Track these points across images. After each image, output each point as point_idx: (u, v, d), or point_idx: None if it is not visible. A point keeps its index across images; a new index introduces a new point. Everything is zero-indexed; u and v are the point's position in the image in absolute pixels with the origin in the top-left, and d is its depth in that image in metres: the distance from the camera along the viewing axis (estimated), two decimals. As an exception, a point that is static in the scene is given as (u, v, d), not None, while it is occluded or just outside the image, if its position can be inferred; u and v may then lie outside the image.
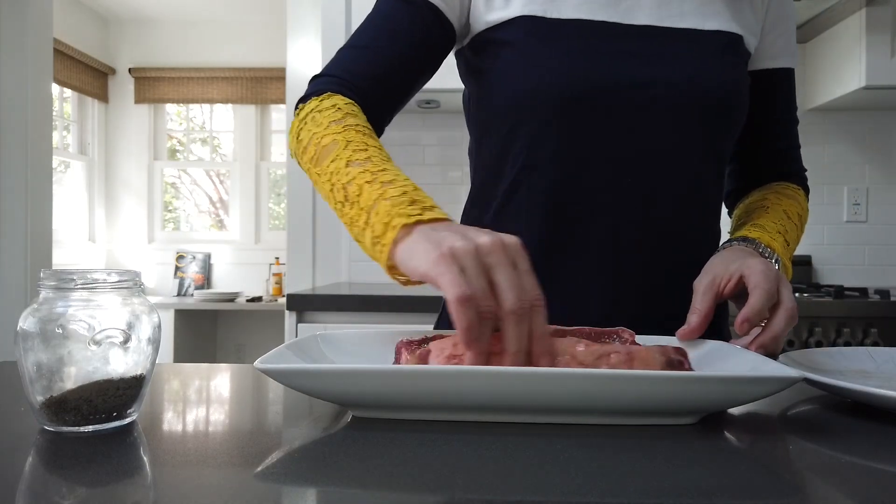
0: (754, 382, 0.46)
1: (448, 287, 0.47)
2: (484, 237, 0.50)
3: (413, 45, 0.76)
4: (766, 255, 0.71)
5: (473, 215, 0.84)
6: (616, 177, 0.74)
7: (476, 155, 0.85)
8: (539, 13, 0.74)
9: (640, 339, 0.62)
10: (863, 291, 1.81)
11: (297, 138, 0.72)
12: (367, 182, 0.60)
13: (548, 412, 0.49)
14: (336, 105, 0.71)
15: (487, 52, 0.78)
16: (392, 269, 0.56)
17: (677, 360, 0.52)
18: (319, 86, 0.74)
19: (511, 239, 0.51)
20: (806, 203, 0.86)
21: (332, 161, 0.65)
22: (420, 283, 0.54)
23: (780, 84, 0.86)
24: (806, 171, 0.91)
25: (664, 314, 0.73)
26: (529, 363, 0.49)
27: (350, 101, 0.72)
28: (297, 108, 0.76)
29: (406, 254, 0.53)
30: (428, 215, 0.56)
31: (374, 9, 0.79)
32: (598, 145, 0.74)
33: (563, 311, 0.75)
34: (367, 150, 0.65)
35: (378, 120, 0.77)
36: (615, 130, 0.74)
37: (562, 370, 0.46)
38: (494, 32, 0.77)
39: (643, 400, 0.47)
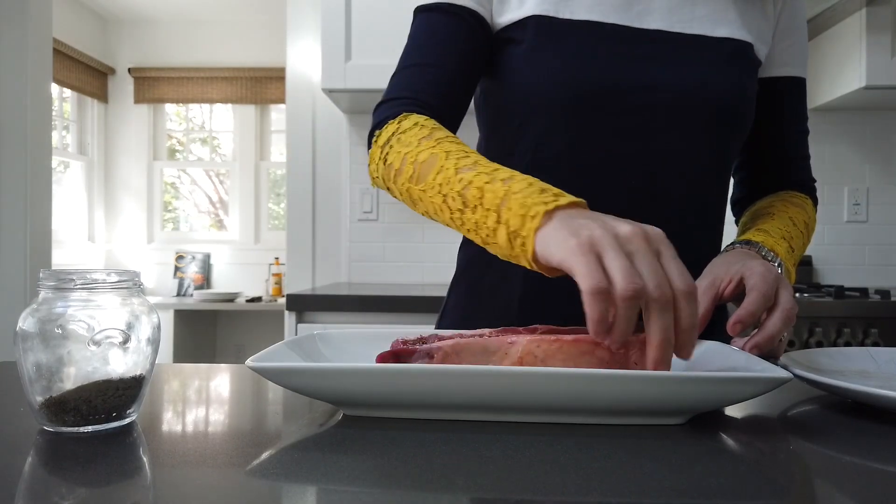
0: (743, 382, 0.46)
1: (582, 278, 0.47)
2: (624, 226, 0.49)
3: (464, 54, 0.76)
4: (770, 258, 0.71)
5: None
6: (620, 179, 0.75)
7: (484, 152, 0.85)
8: (551, 13, 0.75)
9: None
10: (863, 291, 1.81)
11: (386, 163, 0.71)
12: (487, 182, 0.59)
13: (537, 411, 0.49)
14: (418, 123, 0.70)
15: (500, 51, 0.79)
16: (537, 260, 0.54)
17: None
18: (391, 109, 0.74)
19: (654, 229, 0.50)
20: (813, 212, 0.86)
21: (437, 173, 0.63)
22: (563, 273, 0.52)
23: (789, 93, 0.86)
24: (815, 181, 0.90)
25: None
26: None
27: (427, 116, 0.72)
28: (372, 136, 0.76)
29: (544, 242, 0.52)
30: (564, 200, 0.54)
31: (416, 26, 0.79)
32: (603, 147, 0.75)
33: (566, 309, 0.76)
34: (469, 155, 0.64)
35: (454, 130, 0.77)
36: (620, 133, 0.74)
37: (547, 369, 0.46)
38: (507, 32, 0.78)
39: (629, 399, 0.47)
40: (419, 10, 0.79)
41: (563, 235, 0.50)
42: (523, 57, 0.75)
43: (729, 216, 0.95)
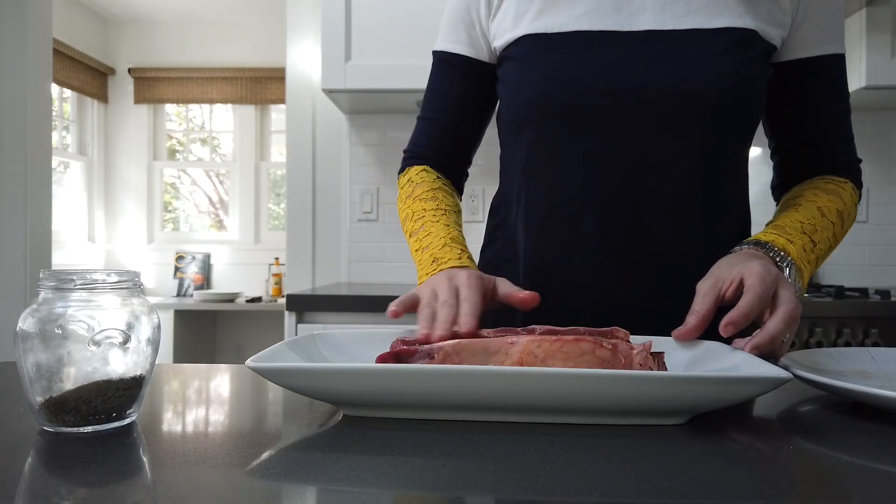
0: (743, 382, 0.46)
1: (419, 319, 0.68)
2: (443, 290, 0.68)
3: (462, 100, 0.89)
4: (778, 258, 0.70)
5: (499, 216, 0.90)
6: (604, 181, 0.76)
7: (501, 161, 0.91)
8: (541, 30, 0.79)
9: (632, 338, 0.62)
10: (863, 291, 1.81)
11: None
12: (416, 251, 0.82)
13: (537, 411, 0.49)
14: (410, 179, 0.89)
15: (500, 69, 0.85)
16: None
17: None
18: (404, 162, 0.93)
19: (463, 289, 0.69)
20: (851, 197, 0.81)
21: (406, 233, 0.86)
22: None
23: (821, 72, 0.81)
24: (860, 161, 0.84)
25: (651, 314, 0.74)
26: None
27: (423, 167, 0.90)
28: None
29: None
30: (438, 268, 0.76)
31: (430, 73, 0.91)
32: (589, 150, 0.76)
33: (558, 309, 0.77)
34: (422, 217, 0.84)
35: (458, 167, 0.93)
36: (608, 135, 0.75)
37: (547, 369, 0.46)
38: (505, 51, 0.83)
39: (629, 399, 0.47)
40: (433, 53, 0.91)
41: (421, 297, 0.72)
42: (515, 73, 0.80)
43: (763, 208, 0.92)
